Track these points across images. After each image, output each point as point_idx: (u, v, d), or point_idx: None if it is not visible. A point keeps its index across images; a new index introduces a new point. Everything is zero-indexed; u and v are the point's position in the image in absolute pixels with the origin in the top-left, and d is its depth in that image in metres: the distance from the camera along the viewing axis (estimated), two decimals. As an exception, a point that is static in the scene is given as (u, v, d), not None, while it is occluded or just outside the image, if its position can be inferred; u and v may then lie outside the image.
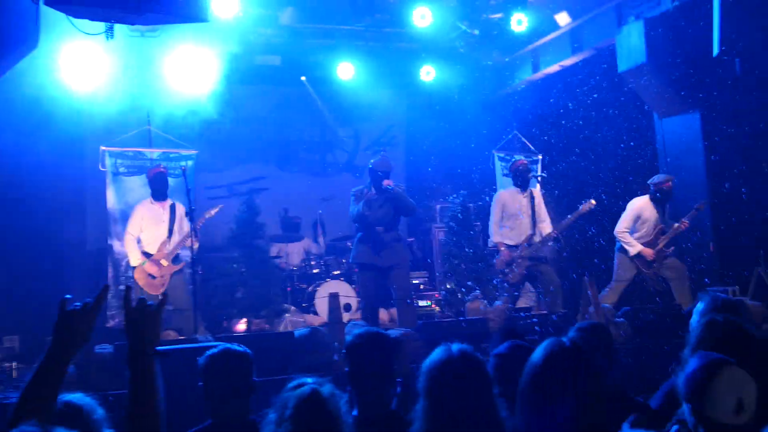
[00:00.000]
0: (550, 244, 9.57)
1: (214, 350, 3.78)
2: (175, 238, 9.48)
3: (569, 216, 9.49)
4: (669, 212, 9.60)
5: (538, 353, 2.57)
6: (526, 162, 9.95)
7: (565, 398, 2.45)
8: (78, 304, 2.53)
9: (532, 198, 9.61)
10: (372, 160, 9.16)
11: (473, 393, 2.67)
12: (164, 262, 9.41)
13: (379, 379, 3.48)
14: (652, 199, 9.46)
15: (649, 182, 9.56)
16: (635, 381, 5.58)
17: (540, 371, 2.50)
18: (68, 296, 2.55)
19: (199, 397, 3.76)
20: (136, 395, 2.36)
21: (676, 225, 9.39)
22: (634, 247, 9.36)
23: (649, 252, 9.33)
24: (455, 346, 2.81)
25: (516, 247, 9.42)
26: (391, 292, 9.09)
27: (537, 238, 9.40)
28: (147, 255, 9.44)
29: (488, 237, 9.87)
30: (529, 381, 2.52)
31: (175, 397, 4.35)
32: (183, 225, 9.53)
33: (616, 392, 3.69)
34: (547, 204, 9.90)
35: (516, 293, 9.41)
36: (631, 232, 9.45)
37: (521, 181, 9.65)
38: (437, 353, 2.80)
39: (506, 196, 9.69)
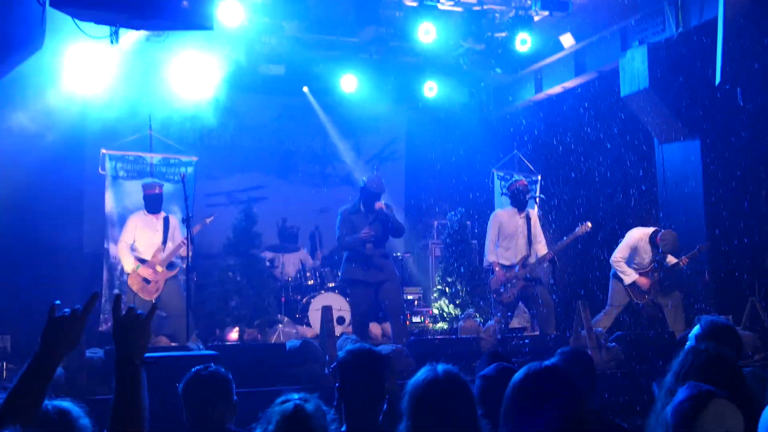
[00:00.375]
0: (545, 265, 9.54)
1: (190, 375, 3.77)
2: (170, 245, 9.51)
3: (565, 238, 9.47)
4: None
5: (519, 374, 2.59)
6: (525, 183, 9.92)
7: (545, 419, 2.45)
8: (67, 310, 2.54)
9: (528, 219, 9.57)
10: (364, 179, 9.21)
11: (456, 414, 2.66)
12: (159, 268, 9.41)
13: (369, 395, 3.48)
14: (651, 241, 9.37)
15: (655, 231, 9.38)
16: (623, 406, 5.57)
17: (520, 392, 2.52)
18: (57, 302, 2.55)
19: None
20: (121, 403, 2.35)
21: (675, 261, 9.35)
22: (630, 276, 9.31)
23: (644, 281, 9.29)
24: (440, 367, 2.81)
25: (511, 267, 9.41)
26: (381, 307, 9.14)
27: (532, 259, 9.38)
28: (142, 261, 9.45)
29: (484, 256, 9.85)
30: (510, 401, 2.53)
31: (162, 405, 4.36)
32: (176, 235, 9.59)
33: (598, 416, 3.68)
34: (543, 225, 9.88)
35: (509, 313, 9.39)
36: (628, 262, 9.40)
37: (519, 201, 9.60)
38: (422, 373, 2.80)
39: (504, 215, 9.66)
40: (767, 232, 9.41)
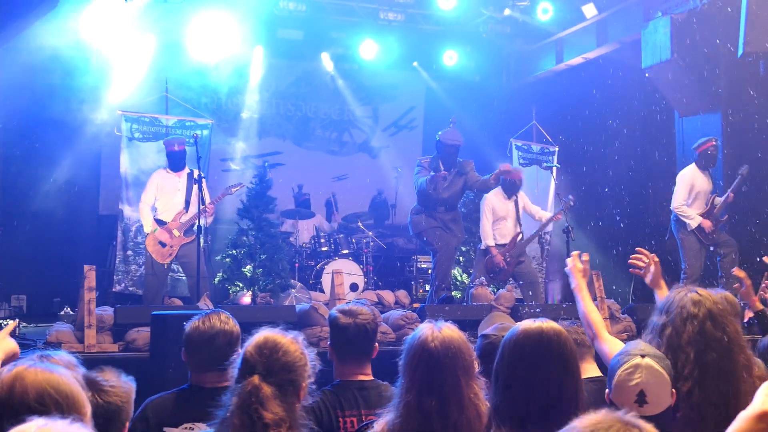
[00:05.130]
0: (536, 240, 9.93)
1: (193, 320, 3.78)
2: (192, 209, 9.14)
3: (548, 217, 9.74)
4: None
5: (511, 332, 2.56)
6: (522, 177, 9.79)
7: (537, 380, 2.43)
8: None
9: (516, 203, 9.72)
10: (440, 133, 8.94)
11: (451, 370, 2.62)
12: (176, 233, 9.32)
13: (358, 351, 3.51)
14: (699, 167, 9.21)
15: (693, 147, 9.31)
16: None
17: (512, 350, 2.50)
18: None
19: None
20: None
21: (722, 200, 9.19)
22: (694, 219, 9.12)
23: (707, 222, 9.12)
24: (438, 323, 2.77)
25: (503, 245, 9.54)
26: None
27: (520, 239, 9.57)
28: (161, 223, 9.39)
29: (482, 239, 9.82)
30: (501, 361, 2.52)
31: (171, 356, 4.41)
32: (204, 190, 9.03)
33: (600, 382, 3.64)
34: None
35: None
36: (687, 205, 9.21)
37: (510, 190, 9.62)
38: (419, 330, 2.76)
39: (494, 199, 9.64)
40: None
